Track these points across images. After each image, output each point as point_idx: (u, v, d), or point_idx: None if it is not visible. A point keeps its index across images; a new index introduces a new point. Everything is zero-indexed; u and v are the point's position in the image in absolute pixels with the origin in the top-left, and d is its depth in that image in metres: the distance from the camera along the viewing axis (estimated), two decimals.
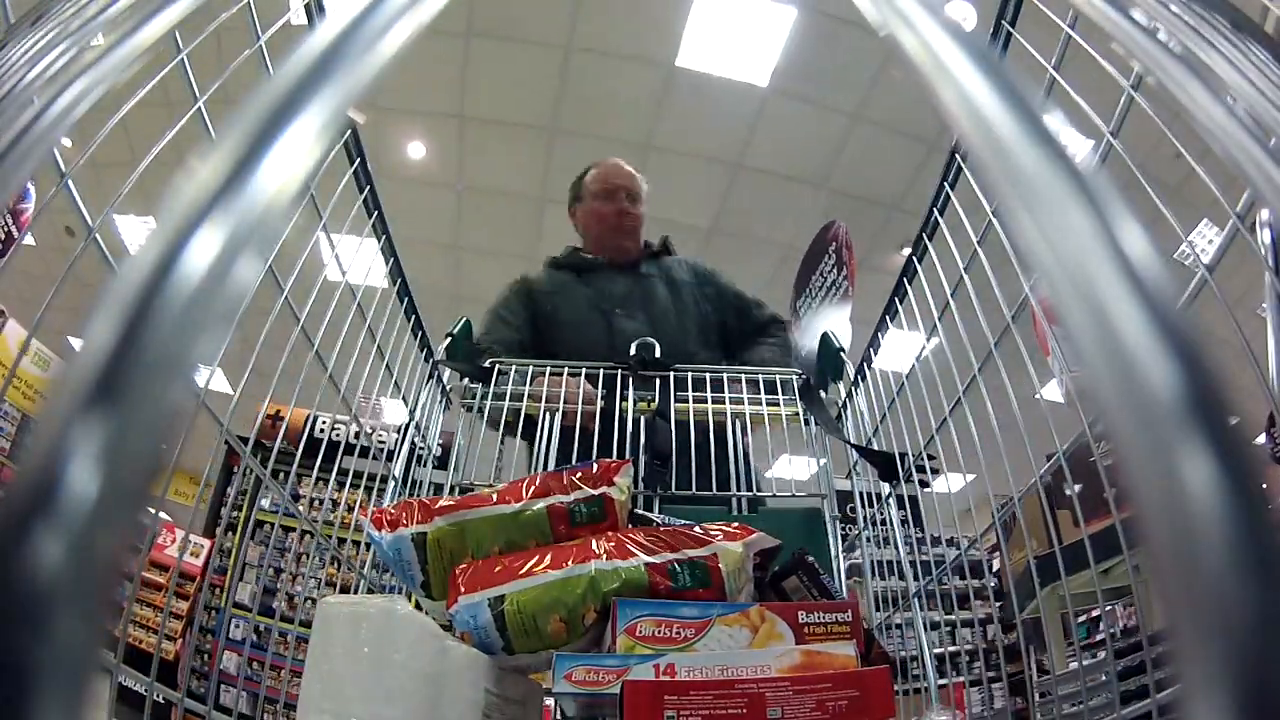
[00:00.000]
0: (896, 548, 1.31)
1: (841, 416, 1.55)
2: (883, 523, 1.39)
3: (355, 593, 1.37)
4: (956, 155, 1.28)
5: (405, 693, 0.72)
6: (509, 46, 5.21)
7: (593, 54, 5.24)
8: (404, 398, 1.46)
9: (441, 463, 1.54)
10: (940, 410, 1.24)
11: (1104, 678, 2.81)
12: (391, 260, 1.45)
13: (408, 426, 1.48)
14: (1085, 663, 3.12)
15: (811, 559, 0.99)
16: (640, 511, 1.11)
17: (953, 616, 1.49)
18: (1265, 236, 0.87)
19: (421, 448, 1.50)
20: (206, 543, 5.61)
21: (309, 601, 3.23)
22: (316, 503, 3.90)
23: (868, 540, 1.43)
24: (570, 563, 0.88)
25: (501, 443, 1.51)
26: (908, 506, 1.38)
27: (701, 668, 0.75)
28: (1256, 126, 0.42)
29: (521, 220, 6.58)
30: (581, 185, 2.19)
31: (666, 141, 5.81)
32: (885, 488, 1.38)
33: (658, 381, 1.51)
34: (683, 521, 1.01)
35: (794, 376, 1.57)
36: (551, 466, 1.38)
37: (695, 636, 0.80)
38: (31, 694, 0.14)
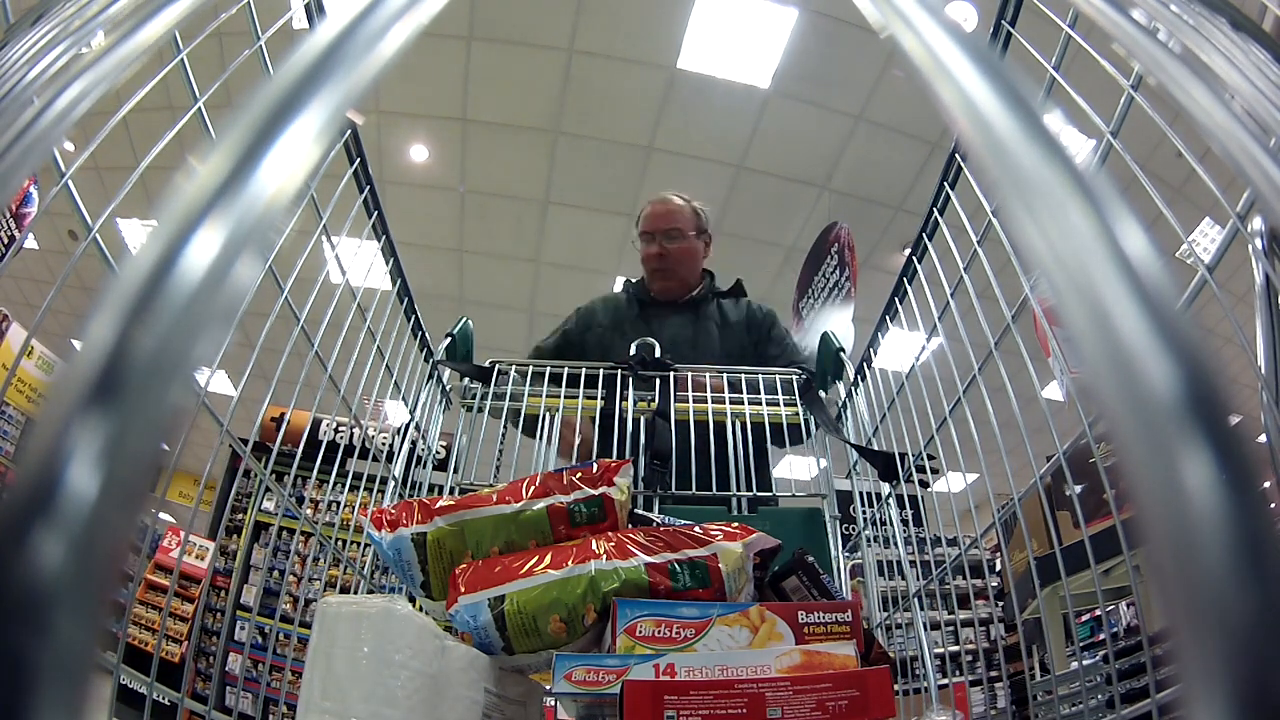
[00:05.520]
0: (897, 548, 1.31)
1: (841, 416, 1.55)
2: (883, 523, 1.38)
3: (355, 593, 1.37)
4: (957, 155, 1.28)
5: (405, 693, 0.72)
6: (511, 50, 5.21)
7: (595, 57, 5.25)
8: (404, 398, 1.46)
9: (441, 464, 1.54)
10: (940, 410, 1.24)
11: (1101, 679, 2.81)
12: (392, 261, 1.45)
13: (407, 426, 1.48)
14: (1086, 662, 3.12)
15: (811, 559, 0.99)
16: (640, 511, 1.11)
17: (953, 616, 1.49)
18: (1256, 237, 0.87)
19: (422, 449, 1.50)
20: (211, 544, 5.62)
21: (311, 603, 3.23)
22: (322, 504, 3.91)
23: (868, 541, 1.43)
24: (570, 563, 0.88)
25: (502, 442, 1.52)
26: (908, 506, 1.38)
27: (701, 668, 0.75)
28: (1256, 126, 0.42)
29: (524, 223, 6.59)
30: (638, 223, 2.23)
31: (669, 143, 5.82)
32: (885, 488, 1.38)
33: (658, 381, 1.51)
34: (683, 521, 1.01)
35: (794, 377, 1.57)
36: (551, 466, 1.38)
37: (695, 636, 0.80)
38: (31, 694, 0.14)
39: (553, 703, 0.98)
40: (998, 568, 5.20)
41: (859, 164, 5.84)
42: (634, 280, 2.21)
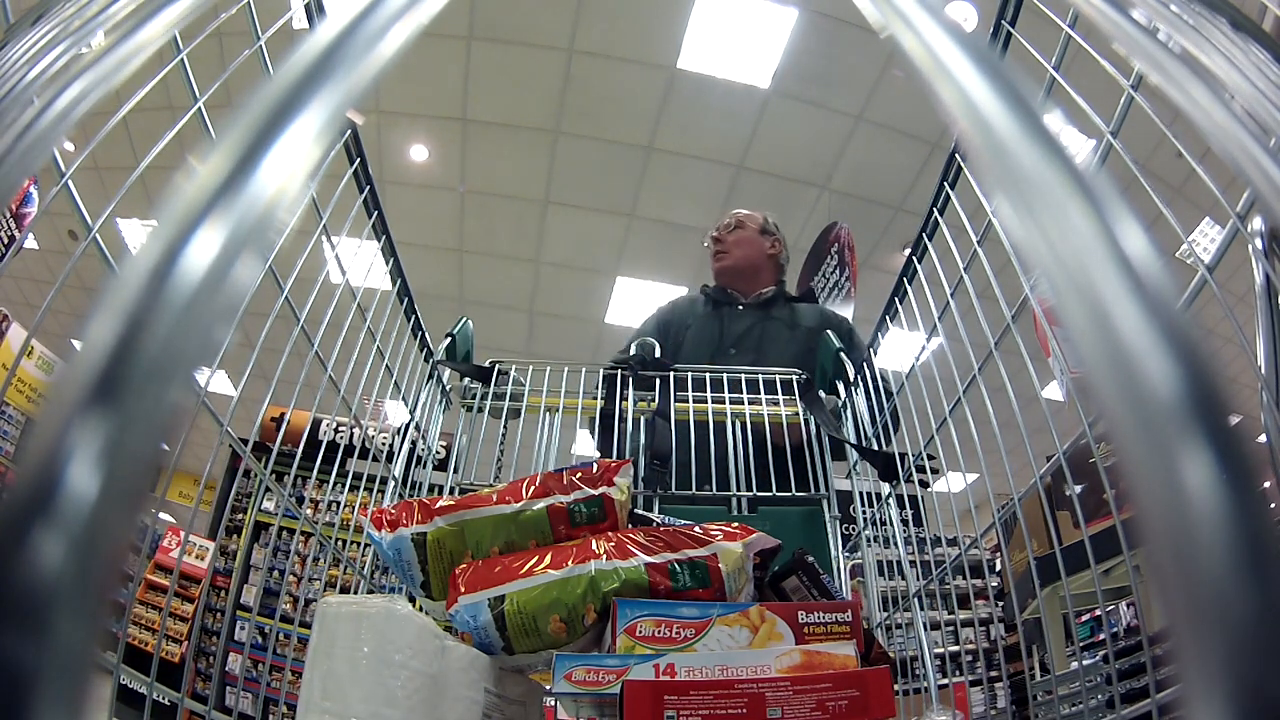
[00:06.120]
0: (897, 548, 1.31)
1: (841, 416, 1.55)
2: (883, 523, 1.38)
3: (355, 593, 1.37)
4: (957, 155, 1.28)
5: (405, 693, 0.72)
6: (511, 50, 5.21)
7: (595, 57, 5.24)
8: (404, 398, 1.46)
9: (441, 464, 1.54)
10: (940, 410, 1.24)
11: (1101, 679, 2.81)
12: (391, 261, 1.45)
13: (407, 426, 1.48)
14: (1086, 662, 3.12)
15: (811, 559, 0.99)
16: (640, 511, 1.11)
17: (953, 616, 1.49)
18: (1256, 237, 0.87)
19: (422, 449, 1.50)
20: (211, 544, 5.63)
21: (311, 603, 3.23)
22: (322, 504, 3.90)
23: (868, 541, 1.43)
24: (570, 563, 0.88)
25: (502, 442, 1.52)
26: (908, 506, 1.38)
27: (701, 668, 0.75)
28: (1256, 126, 0.42)
29: (524, 223, 6.59)
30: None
31: (669, 143, 5.82)
32: (885, 488, 1.38)
33: (658, 381, 1.51)
34: (683, 521, 1.01)
35: (794, 376, 1.57)
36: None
37: (695, 636, 0.80)
38: (31, 694, 0.14)
39: (553, 703, 0.98)
40: (998, 568, 5.20)
41: (859, 164, 5.84)
42: (708, 285, 2.31)
